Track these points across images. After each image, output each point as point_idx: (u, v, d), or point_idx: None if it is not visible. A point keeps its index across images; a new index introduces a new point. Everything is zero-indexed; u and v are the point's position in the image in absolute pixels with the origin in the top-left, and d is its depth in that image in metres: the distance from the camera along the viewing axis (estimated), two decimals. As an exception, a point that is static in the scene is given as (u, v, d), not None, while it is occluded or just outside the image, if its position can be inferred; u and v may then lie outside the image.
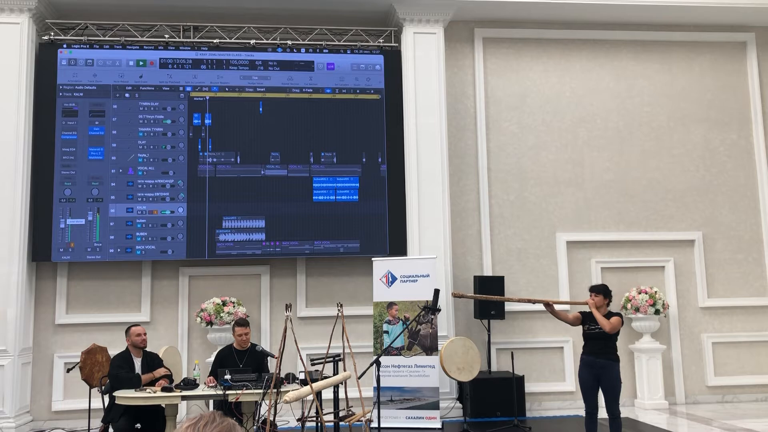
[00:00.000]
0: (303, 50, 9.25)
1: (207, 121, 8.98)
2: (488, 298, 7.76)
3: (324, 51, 9.28)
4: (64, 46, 8.90)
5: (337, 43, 9.36)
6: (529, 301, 6.74)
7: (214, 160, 8.94)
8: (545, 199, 9.63)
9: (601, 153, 9.81)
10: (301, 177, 9.05)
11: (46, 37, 8.92)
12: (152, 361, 6.53)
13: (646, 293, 9.04)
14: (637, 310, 9.00)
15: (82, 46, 8.94)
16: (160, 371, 6.39)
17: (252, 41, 9.17)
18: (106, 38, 9.06)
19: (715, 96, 10.11)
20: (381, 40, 9.46)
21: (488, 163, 9.58)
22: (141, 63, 9.00)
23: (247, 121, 9.05)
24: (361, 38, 9.45)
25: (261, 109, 9.08)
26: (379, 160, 9.17)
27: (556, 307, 6.36)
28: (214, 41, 9.14)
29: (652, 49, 10.08)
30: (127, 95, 8.93)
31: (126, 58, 8.98)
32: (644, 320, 9.07)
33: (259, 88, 9.13)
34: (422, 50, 9.18)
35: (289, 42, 9.24)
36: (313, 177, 9.07)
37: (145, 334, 6.60)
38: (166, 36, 9.15)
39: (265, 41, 9.24)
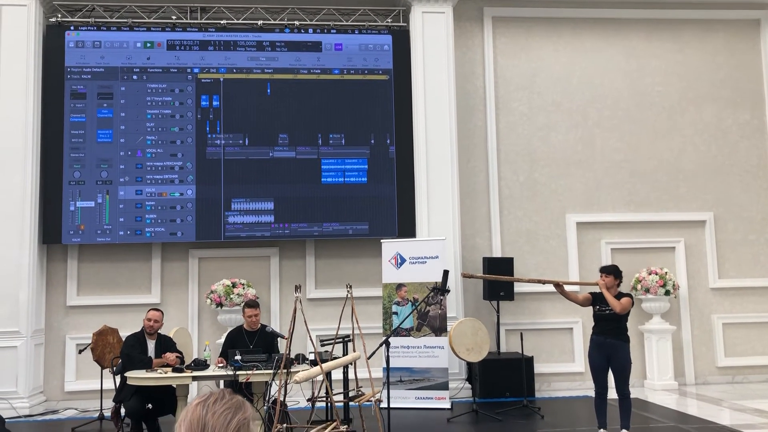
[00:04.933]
0: (311, 31, 9.19)
1: (215, 103, 8.96)
2: (498, 278, 7.74)
3: (332, 31, 9.22)
4: (72, 28, 8.88)
5: (345, 23, 9.29)
6: (539, 281, 6.72)
7: (223, 142, 8.92)
8: (555, 180, 9.58)
9: (611, 133, 9.73)
10: (309, 159, 9.02)
11: (53, 19, 8.90)
12: (166, 344, 6.54)
13: (657, 274, 9.01)
14: (647, 290, 8.97)
15: (90, 27, 8.91)
16: (171, 357, 6.34)
17: (259, 22, 9.12)
18: (114, 20, 9.03)
19: (727, 75, 9.98)
20: (389, 20, 9.38)
21: (498, 143, 9.53)
22: (148, 45, 8.97)
23: (255, 103, 9.02)
24: (369, 18, 9.37)
25: (269, 91, 9.05)
26: (388, 141, 9.13)
27: (566, 287, 6.33)
28: (222, 22, 9.09)
29: (664, 27, 9.95)
30: (134, 77, 8.91)
31: (133, 40, 8.95)
32: (654, 301, 9.04)
33: (267, 69, 9.09)
34: (431, 30, 9.10)
35: (297, 22, 9.19)
36: (322, 159, 9.04)
37: (156, 321, 6.54)
38: (173, 17, 9.11)
39: (272, 22, 9.18)
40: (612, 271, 6.16)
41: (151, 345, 6.50)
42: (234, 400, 1.58)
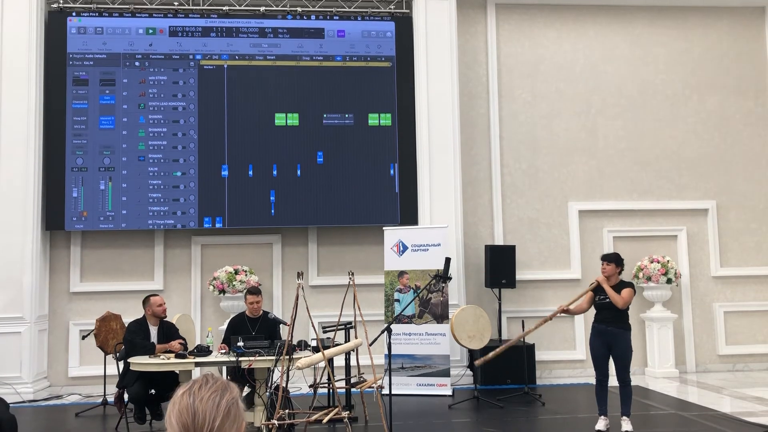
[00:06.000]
0: (313, 17, 9.16)
1: (221, 103, 8.94)
2: (509, 346, 6.88)
3: (334, 18, 9.19)
4: (73, 14, 8.85)
5: (347, 9, 9.25)
6: (546, 320, 6.40)
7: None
8: (557, 168, 9.57)
9: (614, 121, 9.70)
10: (314, 159, 9.02)
11: (55, 5, 8.87)
12: (168, 331, 6.57)
13: (659, 262, 9.01)
14: (648, 279, 8.98)
15: (92, 14, 8.89)
16: (175, 345, 6.37)
17: (261, 8, 9.09)
18: (116, 6, 9.00)
19: (732, 63, 9.93)
20: (392, 7, 9.34)
21: (500, 131, 9.51)
22: (150, 31, 8.94)
23: (258, 105, 9.00)
24: (372, 5, 9.33)
25: (273, 88, 9.02)
26: (390, 126, 9.11)
27: (572, 305, 6.23)
28: (224, 8, 9.06)
29: (668, 15, 9.90)
30: (137, 63, 8.89)
31: (135, 26, 8.93)
32: (656, 289, 9.05)
33: (270, 56, 9.07)
34: (434, 16, 9.06)
35: (299, 9, 9.15)
36: (326, 164, 9.02)
37: (165, 304, 6.65)
38: (176, 3, 9.08)
39: (274, 8, 9.15)
40: (613, 259, 6.14)
41: (153, 331, 6.54)
42: (219, 383, 1.58)
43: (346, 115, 9.08)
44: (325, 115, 9.05)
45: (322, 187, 8.97)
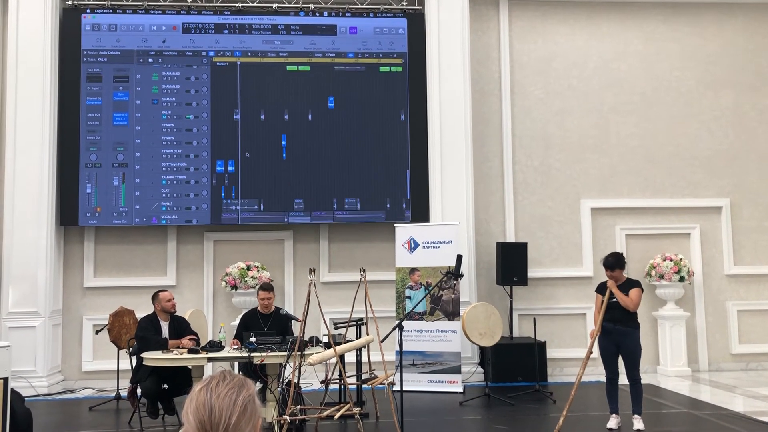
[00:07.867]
0: (325, 14, 9.17)
1: (233, 98, 8.98)
2: (566, 411, 5.96)
3: (346, 14, 9.19)
4: (88, 11, 8.91)
5: (359, 6, 9.25)
6: (590, 354, 6.17)
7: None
8: (570, 165, 9.53)
9: (627, 118, 9.65)
10: (325, 153, 9.04)
11: (69, 2, 8.92)
12: (180, 326, 6.61)
13: (671, 260, 8.96)
14: (661, 277, 8.94)
15: (105, 11, 8.94)
16: (185, 342, 6.39)
17: (274, 5, 9.10)
18: (129, 3, 9.04)
19: (747, 60, 9.85)
20: (404, 3, 9.33)
21: (512, 128, 9.48)
22: (164, 28, 8.98)
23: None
24: (385, 1, 9.32)
25: (284, 84, 9.05)
26: (402, 129, 9.11)
27: (596, 323, 6.12)
28: (236, 5, 9.08)
29: (683, 11, 9.82)
30: (150, 60, 8.93)
31: (149, 23, 8.97)
32: (668, 287, 9.00)
33: (282, 53, 9.09)
34: (446, 13, 9.03)
35: (312, 5, 9.16)
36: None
37: (174, 299, 6.68)
38: (189, 0, 9.10)
39: (287, 5, 9.16)
40: (616, 264, 6.05)
41: (164, 326, 6.57)
42: (236, 380, 1.59)
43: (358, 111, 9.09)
44: (336, 110, 9.06)
45: (334, 182, 8.98)
